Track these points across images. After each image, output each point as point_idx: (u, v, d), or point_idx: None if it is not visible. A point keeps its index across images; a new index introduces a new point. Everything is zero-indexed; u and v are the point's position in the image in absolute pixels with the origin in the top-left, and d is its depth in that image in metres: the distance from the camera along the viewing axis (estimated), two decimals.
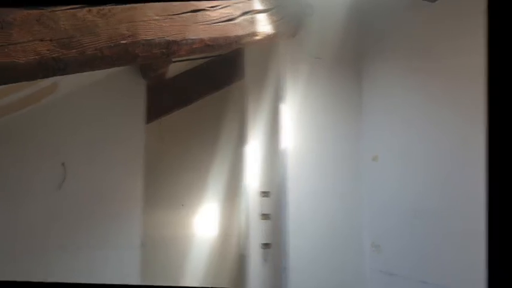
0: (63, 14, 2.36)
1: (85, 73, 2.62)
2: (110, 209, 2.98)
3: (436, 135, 2.65)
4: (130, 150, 3.03)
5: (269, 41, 2.99)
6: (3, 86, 2.47)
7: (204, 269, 2.95)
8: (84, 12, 2.39)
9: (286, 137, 2.88)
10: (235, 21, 2.95)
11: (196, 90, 3.20)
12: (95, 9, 2.42)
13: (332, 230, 2.85)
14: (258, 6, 2.93)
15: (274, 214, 2.88)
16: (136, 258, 2.97)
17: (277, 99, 2.91)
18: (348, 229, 2.82)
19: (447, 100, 2.62)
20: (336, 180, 2.85)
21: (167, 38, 2.66)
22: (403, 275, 2.69)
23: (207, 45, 2.96)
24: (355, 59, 2.89)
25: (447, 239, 2.64)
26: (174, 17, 2.69)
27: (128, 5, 2.53)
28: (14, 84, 2.41)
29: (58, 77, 2.54)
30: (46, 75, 2.56)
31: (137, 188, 3.02)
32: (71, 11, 2.42)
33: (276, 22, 3.02)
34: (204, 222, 2.98)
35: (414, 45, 2.73)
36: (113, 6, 2.48)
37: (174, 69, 3.08)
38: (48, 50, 2.27)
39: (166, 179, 3.02)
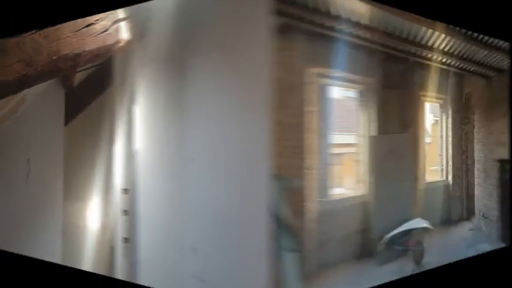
0: (27, 39, 3.05)
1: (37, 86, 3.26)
2: (46, 200, 3.60)
3: (234, 135, 2.47)
4: (56, 150, 3.61)
5: (128, 46, 3.17)
6: None
7: (91, 257, 3.31)
8: (36, 36, 3.03)
9: (137, 138, 3.03)
10: (109, 31, 3.25)
11: (88, 96, 3.60)
12: (42, 32, 3.03)
13: (167, 229, 2.87)
14: (120, 15, 3.16)
15: (131, 210, 3.05)
16: (59, 243, 3.52)
17: (131, 102, 3.07)
18: (176, 230, 2.79)
19: (242, 98, 2.42)
20: (166, 181, 2.86)
21: (74, 52, 3.11)
22: (212, 282, 2.55)
23: (95, 55, 3.33)
24: (182, 58, 2.79)
25: (245, 246, 2.44)
26: (77, 32, 3.13)
27: (57, 26, 3.07)
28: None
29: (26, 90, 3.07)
30: (21, 89, 3.31)
31: (59, 183, 3.59)
32: (32, 35, 3.07)
33: (132, 29, 3.19)
34: (91, 215, 3.35)
35: (221, 38, 2.55)
36: (50, 28, 3.05)
37: (78, 77, 3.56)
38: (21, 69, 2.97)
39: (73, 175, 3.50)
